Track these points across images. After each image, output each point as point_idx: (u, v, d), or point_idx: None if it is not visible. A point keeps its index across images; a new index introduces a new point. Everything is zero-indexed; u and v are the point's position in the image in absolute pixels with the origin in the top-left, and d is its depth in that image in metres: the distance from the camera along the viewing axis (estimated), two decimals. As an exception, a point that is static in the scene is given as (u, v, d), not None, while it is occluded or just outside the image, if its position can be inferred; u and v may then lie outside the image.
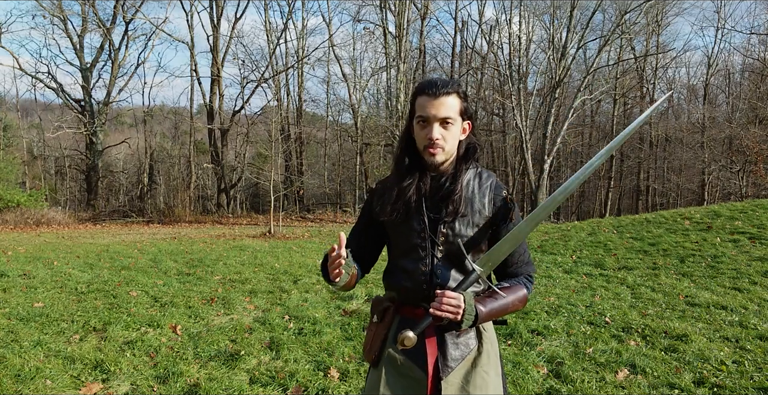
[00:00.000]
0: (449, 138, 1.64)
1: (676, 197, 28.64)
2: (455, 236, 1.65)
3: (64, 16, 24.58)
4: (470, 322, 1.57)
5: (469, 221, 1.66)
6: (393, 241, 1.75)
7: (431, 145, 1.62)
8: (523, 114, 23.11)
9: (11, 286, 6.29)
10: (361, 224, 1.81)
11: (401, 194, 1.67)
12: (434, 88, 1.62)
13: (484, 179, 1.72)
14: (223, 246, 11.15)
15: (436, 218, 1.66)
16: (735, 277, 6.45)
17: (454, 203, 1.64)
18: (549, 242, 9.72)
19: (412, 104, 1.68)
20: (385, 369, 1.69)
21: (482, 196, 1.69)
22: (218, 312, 5.25)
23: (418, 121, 1.65)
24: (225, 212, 25.67)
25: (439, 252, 1.66)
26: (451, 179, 1.68)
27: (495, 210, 1.70)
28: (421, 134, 1.65)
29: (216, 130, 26.65)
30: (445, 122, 1.62)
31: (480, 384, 1.66)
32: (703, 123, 25.81)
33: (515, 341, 4.31)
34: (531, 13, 25.70)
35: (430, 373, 1.63)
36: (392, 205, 1.67)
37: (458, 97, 1.65)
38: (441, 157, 1.65)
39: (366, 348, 1.76)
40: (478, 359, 1.69)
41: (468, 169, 1.71)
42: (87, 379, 3.56)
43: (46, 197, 24.09)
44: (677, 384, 3.44)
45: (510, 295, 1.68)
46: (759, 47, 28.90)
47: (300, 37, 28.19)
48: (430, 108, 1.61)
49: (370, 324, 1.79)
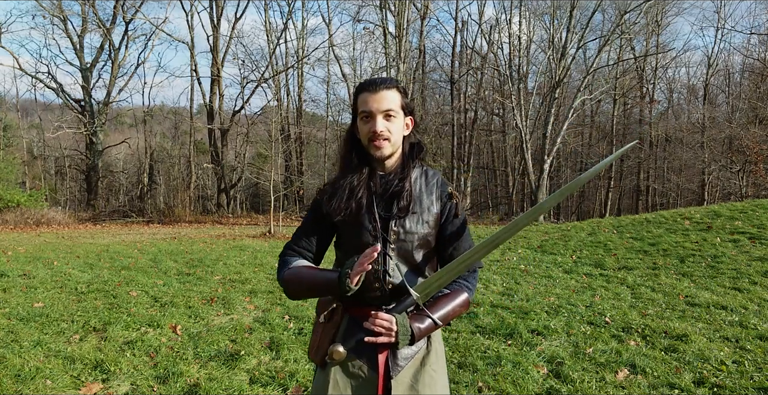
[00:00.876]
0: (393, 130, 1.67)
1: (676, 197, 28.64)
2: (406, 234, 1.67)
3: (64, 16, 24.58)
4: (406, 342, 1.60)
5: (419, 219, 1.69)
6: (343, 240, 1.75)
7: (375, 137, 1.64)
8: (523, 114, 23.11)
9: (11, 286, 6.29)
10: (309, 224, 1.79)
11: (352, 194, 1.67)
12: (374, 84, 1.66)
13: (430, 176, 1.76)
14: (223, 246, 11.15)
15: (387, 216, 1.67)
16: (735, 277, 6.46)
17: (404, 200, 1.67)
18: (549, 242, 9.72)
19: (354, 103, 1.70)
20: (333, 370, 1.67)
21: (429, 193, 1.72)
22: (218, 312, 5.25)
23: (361, 117, 1.67)
24: (225, 212, 25.67)
25: (391, 251, 1.67)
26: (400, 177, 1.70)
27: (442, 206, 1.73)
28: (364, 129, 1.67)
29: (216, 130, 26.65)
30: (388, 114, 1.65)
31: (429, 382, 1.69)
32: (703, 123, 25.81)
33: (515, 341, 4.31)
34: (531, 13, 25.73)
35: (381, 372, 1.64)
36: (344, 204, 1.67)
37: (398, 91, 1.68)
38: (387, 150, 1.67)
39: (312, 349, 1.74)
40: (426, 357, 1.72)
41: (414, 167, 1.74)
42: (87, 379, 3.56)
43: (46, 197, 24.09)
44: (677, 384, 3.44)
45: (450, 303, 1.68)
46: (759, 47, 28.91)
47: (300, 37, 28.21)
48: (371, 102, 1.64)
49: (316, 324, 1.77)
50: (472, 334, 4.49)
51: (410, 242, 1.68)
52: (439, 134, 30.41)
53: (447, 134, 30.26)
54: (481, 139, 31.26)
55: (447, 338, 4.40)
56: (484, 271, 7.47)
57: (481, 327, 4.65)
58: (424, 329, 1.62)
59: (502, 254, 9.02)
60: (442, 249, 1.76)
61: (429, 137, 27.21)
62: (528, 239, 10.42)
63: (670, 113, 31.38)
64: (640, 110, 30.12)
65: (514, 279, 6.91)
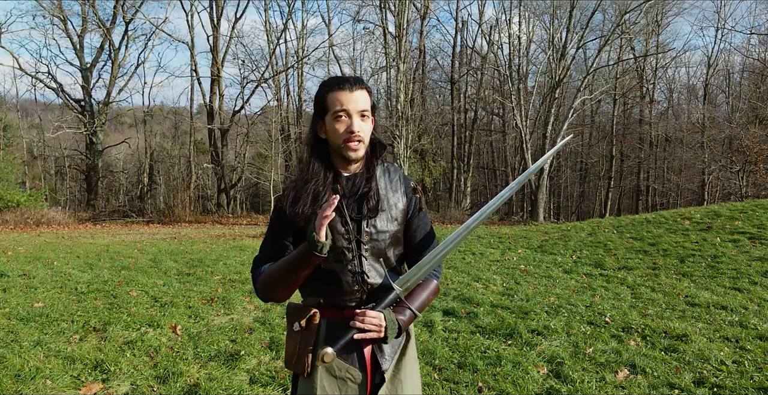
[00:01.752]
0: (367, 130, 1.65)
1: (676, 197, 28.65)
2: (378, 233, 1.67)
3: (64, 16, 24.58)
4: (394, 335, 1.63)
5: (389, 216, 1.69)
6: None
7: (352, 138, 1.60)
8: (523, 114, 23.12)
9: (11, 286, 6.29)
10: (276, 233, 1.71)
11: (317, 198, 1.62)
12: (348, 83, 1.62)
13: (392, 173, 1.75)
14: (223, 246, 11.14)
15: (359, 218, 1.66)
16: (735, 277, 6.45)
17: (373, 200, 1.66)
18: (549, 242, 9.72)
19: (322, 102, 1.64)
20: (319, 376, 1.64)
21: (395, 190, 1.73)
22: (218, 312, 5.25)
23: (336, 116, 1.61)
24: (225, 212, 25.67)
25: (365, 251, 1.65)
26: (366, 177, 1.68)
27: (408, 202, 1.74)
28: (339, 128, 1.61)
29: (216, 130, 26.65)
30: (363, 115, 1.63)
31: (408, 370, 1.73)
32: (703, 123, 25.81)
33: (515, 341, 4.31)
34: (531, 13, 25.73)
35: (369, 369, 1.65)
36: (308, 209, 1.61)
37: (368, 92, 1.66)
38: (361, 151, 1.64)
39: (292, 360, 1.68)
40: (406, 346, 1.76)
41: (377, 165, 1.73)
42: (87, 379, 3.56)
43: (46, 197, 24.09)
44: (677, 384, 3.44)
45: (423, 292, 1.72)
46: (759, 47, 28.92)
47: (300, 38, 28.20)
48: (348, 102, 1.60)
49: (289, 333, 1.71)
50: (472, 334, 4.49)
51: (383, 240, 1.68)
52: (439, 134, 30.43)
53: (447, 134, 30.28)
54: (481, 139, 31.27)
55: (447, 338, 4.40)
56: (483, 271, 7.47)
57: (481, 327, 4.65)
58: (407, 320, 1.64)
59: (502, 255, 9.02)
60: (410, 243, 1.77)
61: (429, 137, 27.22)
62: (528, 239, 10.42)
63: (670, 113, 31.38)
64: (640, 110, 30.12)
65: (514, 279, 6.91)
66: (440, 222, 19.31)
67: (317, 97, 1.67)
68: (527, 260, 8.36)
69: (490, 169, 33.45)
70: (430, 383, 3.51)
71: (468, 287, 6.32)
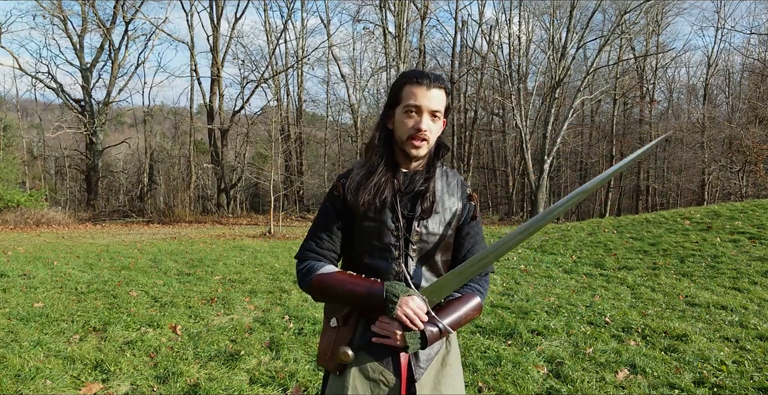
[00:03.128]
0: (434, 131, 1.61)
1: (676, 197, 28.65)
2: (428, 235, 1.63)
3: (64, 16, 24.58)
4: (416, 346, 1.54)
5: (441, 219, 1.65)
6: (360, 239, 1.64)
7: (417, 136, 1.58)
8: (523, 114, 23.12)
9: (11, 286, 6.29)
10: (330, 222, 1.66)
11: (378, 190, 1.59)
12: (427, 79, 1.58)
13: (450, 177, 1.72)
14: (223, 246, 11.14)
15: (410, 216, 1.62)
16: (735, 277, 6.45)
17: (428, 200, 1.62)
18: (549, 242, 9.72)
19: (397, 93, 1.61)
20: (352, 375, 1.59)
21: (451, 194, 1.68)
22: (218, 312, 5.25)
23: (406, 110, 1.58)
24: (225, 212, 25.67)
25: (413, 251, 1.62)
26: (425, 176, 1.65)
27: (462, 207, 1.69)
28: (407, 123, 1.58)
29: (216, 130, 26.64)
30: (434, 114, 1.59)
31: (450, 382, 1.65)
32: (703, 123, 25.81)
33: (515, 341, 4.31)
34: (531, 14, 25.74)
35: (404, 375, 1.59)
36: (371, 200, 1.58)
37: (446, 93, 1.62)
38: (424, 150, 1.61)
39: (325, 355, 1.63)
40: (447, 357, 1.68)
41: (437, 167, 1.70)
42: (87, 379, 3.56)
43: (46, 197, 24.08)
44: (677, 384, 3.44)
45: (461, 307, 1.63)
46: (759, 47, 28.93)
47: (300, 38, 28.21)
48: (422, 98, 1.57)
49: (326, 329, 1.67)
50: (472, 334, 4.49)
51: (432, 243, 1.63)
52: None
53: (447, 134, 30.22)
54: (481, 139, 31.28)
55: (447, 338, 4.40)
56: (484, 271, 7.46)
57: (481, 327, 4.65)
58: (434, 334, 1.56)
59: (502, 254, 9.02)
60: (458, 251, 1.71)
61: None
62: (528, 239, 10.42)
63: (670, 113, 31.38)
64: (640, 110, 30.12)
65: (514, 279, 6.91)
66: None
67: (393, 87, 1.63)
68: (527, 260, 8.36)
69: (490, 169, 33.45)
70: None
71: (468, 287, 6.31)
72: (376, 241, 1.61)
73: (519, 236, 1.57)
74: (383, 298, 1.50)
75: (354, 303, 1.58)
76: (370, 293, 1.53)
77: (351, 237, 1.67)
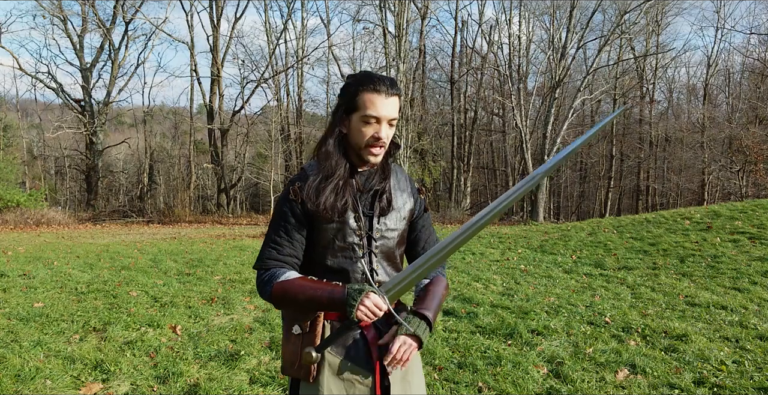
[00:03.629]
0: (390, 137, 1.65)
1: (676, 197, 28.64)
2: (388, 231, 1.68)
3: (64, 16, 24.58)
4: (427, 333, 1.63)
5: (398, 215, 1.70)
6: (322, 241, 1.63)
7: (376, 144, 1.59)
8: (523, 114, 23.12)
9: (11, 286, 6.29)
10: (289, 227, 1.63)
11: (336, 194, 1.60)
12: (385, 86, 1.57)
13: (398, 173, 1.76)
14: (223, 246, 11.14)
15: (370, 214, 1.65)
16: (735, 277, 6.46)
17: (386, 198, 1.66)
18: (549, 242, 9.72)
19: (354, 99, 1.59)
20: (325, 380, 1.59)
21: (403, 190, 1.74)
22: (218, 312, 5.25)
23: (365, 119, 1.58)
24: (225, 212, 25.66)
25: (375, 248, 1.65)
26: (380, 174, 1.68)
27: (414, 202, 1.76)
28: (366, 132, 1.59)
29: (216, 130, 26.64)
30: (391, 122, 1.61)
31: (415, 370, 1.73)
32: (703, 123, 25.81)
33: (515, 341, 4.31)
34: (531, 14, 25.73)
35: (378, 371, 1.63)
36: (332, 204, 1.59)
37: (400, 98, 1.63)
38: (381, 156, 1.64)
39: (293, 365, 1.61)
40: None
41: (391, 165, 1.74)
42: (87, 379, 3.56)
43: (46, 197, 24.08)
44: (677, 384, 3.44)
45: (438, 287, 1.75)
46: (759, 47, 28.92)
47: (300, 38, 28.19)
48: (381, 108, 1.57)
49: (288, 337, 1.64)
50: (472, 334, 4.49)
51: (392, 238, 1.69)
52: (439, 134, 30.43)
53: (447, 134, 30.27)
54: (481, 139, 31.26)
55: (447, 338, 4.40)
56: (483, 271, 7.47)
57: (481, 327, 4.65)
58: (431, 315, 1.66)
59: (502, 254, 9.02)
60: (416, 243, 1.79)
61: (429, 137, 27.22)
62: (528, 239, 10.42)
63: (670, 113, 31.39)
64: (640, 110, 30.12)
65: (514, 279, 6.91)
66: (440, 222, 19.31)
67: (349, 93, 1.61)
68: (527, 260, 8.36)
69: (490, 169, 33.44)
70: (430, 383, 3.51)
71: (468, 287, 6.32)
72: (339, 242, 1.63)
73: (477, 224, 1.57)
74: (344, 305, 1.51)
75: (317, 308, 1.58)
76: (331, 298, 1.53)
77: (311, 240, 1.67)
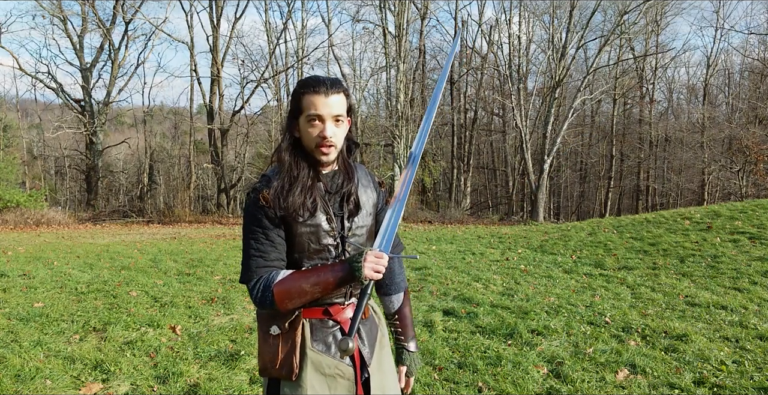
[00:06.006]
0: (339, 135, 1.65)
1: (676, 197, 28.64)
2: (359, 228, 1.72)
3: (64, 16, 24.56)
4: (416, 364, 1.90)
5: (365, 212, 1.74)
6: (297, 245, 1.64)
7: (323, 143, 1.61)
8: (523, 114, 23.12)
9: (11, 286, 6.29)
10: (268, 230, 1.62)
11: (305, 195, 1.61)
12: (324, 86, 1.60)
13: (359, 169, 1.80)
14: (223, 246, 11.14)
15: (341, 214, 1.68)
16: (735, 277, 6.45)
17: (353, 197, 1.70)
18: (549, 242, 9.72)
19: (298, 102, 1.62)
20: (308, 377, 1.61)
21: (366, 186, 1.77)
22: (218, 312, 5.25)
23: (309, 120, 1.61)
24: (225, 212, 25.66)
25: (349, 246, 1.69)
26: (345, 175, 1.71)
27: (376, 196, 1.80)
28: (312, 132, 1.61)
29: (216, 130, 26.63)
30: (337, 119, 1.63)
31: (387, 360, 1.81)
32: (703, 123, 25.81)
33: (515, 341, 4.31)
34: (531, 13, 25.73)
35: (358, 363, 1.68)
36: (301, 204, 1.60)
37: (345, 95, 1.65)
38: (333, 154, 1.65)
39: (274, 365, 1.61)
40: (382, 339, 1.82)
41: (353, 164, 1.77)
42: (87, 379, 3.56)
43: (46, 197, 24.07)
44: (677, 384, 3.44)
45: (408, 308, 1.93)
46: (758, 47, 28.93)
47: (300, 38, 28.18)
48: (322, 107, 1.59)
49: (265, 338, 1.65)
50: (472, 334, 4.49)
51: (362, 235, 1.72)
52: (439, 134, 30.44)
53: (447, 134, 30.27)
54: (481, 139, 31.26)
55: (447, 338, 4.40)
56: (483, 271, 7.47)
57: (481, 327, 4.65)
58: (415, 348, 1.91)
59: (502, 254, 9.02)
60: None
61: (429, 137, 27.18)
62: (528, 239, 10.42)
63: (670, 113, 31.39)
64: (640, 110, 30.12)
65: (514, 279, 6.91)
66: (440, 222, 19.30)
67: (293, 97, 1.66)
68: (527, 260, 8.36)
69: (490, 169, 33.44)
70: (430, 383, 3.51)
71: (468, 287, 6.32)
72: (314, 244, 1.64)
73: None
74: (351, 271, 1.53)
75: (324, 290, 1.58)
76: (335, 273, 1.56)
77: (290, 242, 1.67)
